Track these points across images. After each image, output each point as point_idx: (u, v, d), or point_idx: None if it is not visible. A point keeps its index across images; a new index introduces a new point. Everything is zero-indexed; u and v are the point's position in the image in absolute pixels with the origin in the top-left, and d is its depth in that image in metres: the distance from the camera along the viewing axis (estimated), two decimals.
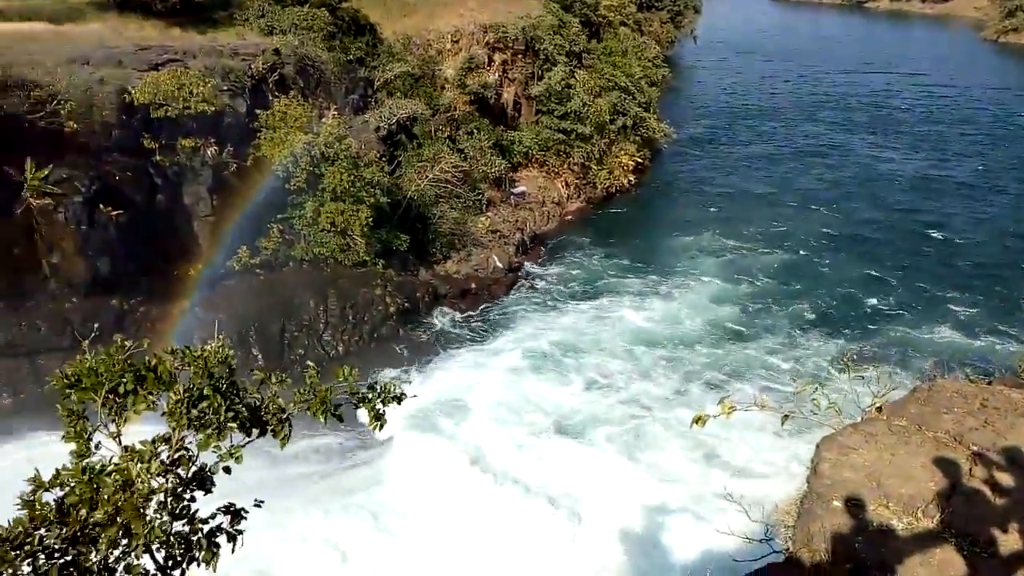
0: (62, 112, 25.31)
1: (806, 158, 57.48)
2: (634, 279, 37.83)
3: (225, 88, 29.99)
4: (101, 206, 25.81)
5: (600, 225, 44.57)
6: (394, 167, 35.91)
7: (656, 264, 39.30)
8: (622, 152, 48.20)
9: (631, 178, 48.60)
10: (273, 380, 4.83)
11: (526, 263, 39.06)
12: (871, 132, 65.04)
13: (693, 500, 22.52)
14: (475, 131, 41.63)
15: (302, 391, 4.77)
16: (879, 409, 8.20)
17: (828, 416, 8.20)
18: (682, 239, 42.36)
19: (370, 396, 5.01)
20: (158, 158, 28.06)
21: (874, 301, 35.97)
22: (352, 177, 30.15)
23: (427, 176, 35.93)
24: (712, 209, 46.97)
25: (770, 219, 45.47)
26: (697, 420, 7.46)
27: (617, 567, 20.71)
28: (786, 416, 8.21)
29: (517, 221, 41.17)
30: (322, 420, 4.71)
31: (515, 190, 44.05)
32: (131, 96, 27.17)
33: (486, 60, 45.06)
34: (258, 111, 30.66)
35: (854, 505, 6.35)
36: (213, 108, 28.61)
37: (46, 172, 24.55)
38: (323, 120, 31.29)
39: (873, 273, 38.78)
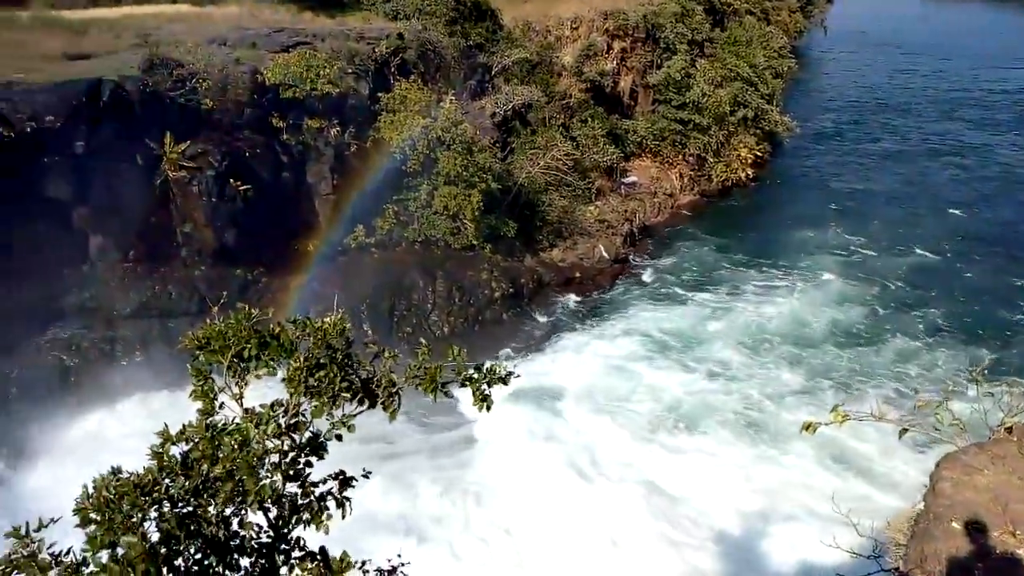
0: (200, 90, 26.86)
1: (942, 157, 53.96)
2: (751, 274, 36.82)
3: (350, 71, 31.00)
4: (231, 181, 27.27)
5: (714, 218, 43.47)
6: (506, 153, 36.19)
7: (775, 260, 38.07)
8: (741, 145, 46.72)
9: (749, 172, 47.04)
10: (386, 355, 4.98)
11: (634, 254, 38.62)
12: (1017, 133, 60.31)
13: (801, 506, 21.75)
14: (589, 119, 41.36)
15: (413, 367, 4.90)
16: (1009, 430, 7.66)
17: (951, 433, 7.72)
18: (803, 236, 40.75)
19: (476, 377, 5.08)
20: (285, 137, 29.37)
21: (1014, 312, 33.51)
22: (465, 162, 30.64)
23: (538, 163, 36.01)
24: (835, 207, 44.92)
25: (900, 220, 43.07)
26: (807, 427, 7.18)
27: (711, 572, 20.28)
28: (904, 430, 7.78)
29: (627, 211, 40.69)
30: (432, 398, 4.83)
31: (626, 180, 43.53)
32: (263, 76, 28.52)
33: (605, 47, 44.60)
34: (380, 94, 31.56)
35: (975, 529, 5.96)
36: (338, 90, 29.65)
37: (184, 147, 26.15)
38: (441, 104, 31.84)
39: (1015, 282, 36.12)
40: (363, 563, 5.07)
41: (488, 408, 4.96)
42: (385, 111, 31.31)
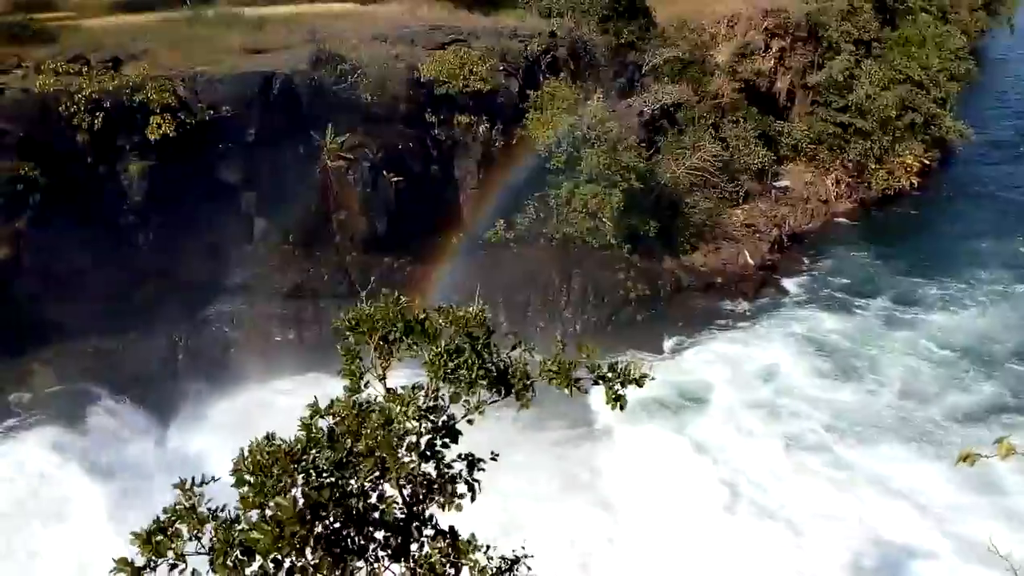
0: (360, 85, 28.20)
1: None
2: (921, 285, 34.35)
3: (501, 68, 31.54)
4: (384, 172, 28.48)
5: (874, 228, 40.95)
6: (652, 152, 35.64)
7: (948, 273, 35.26)
8: (907, 151, 43.64)
9: (914, 180, 43.86)
10: (522, 347, 5.06)
11: (781, 262, 37.01)
12: None
13: (954, 543, 20.08)
14: (741, 120, 40.00)
15: (547, 361, 4.95)
16: None
17: None
18: (982, 248, 37.56)
19: (610, 376, 5.06)
20: (436, 132, 30.35)
21: None
22: (609, 160, 30.49)
23: (684, 164, 35.22)
24: (1013, 219, 41.02)
25: None
26: (964, 458, 6.63)
27: None
28: None
29: (776, 217, 39.05)
30: (567, 392, 4.86)
31: (777, 184, 41.77)
32: (419, 73, 29.56)
33: (762, 46, 42.96)
34: (529, 91, 31.96)
35: None
36: (489, 87, 30.23)
37: (343, 139, 27.58)
38: (588, 103, 31.82)
39: None
40: (487, 547, 5.19)
41: (622, 408, 4.93)
42: (533, 108, 31.68)
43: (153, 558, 4.37)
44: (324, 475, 4.56)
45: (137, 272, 25.08)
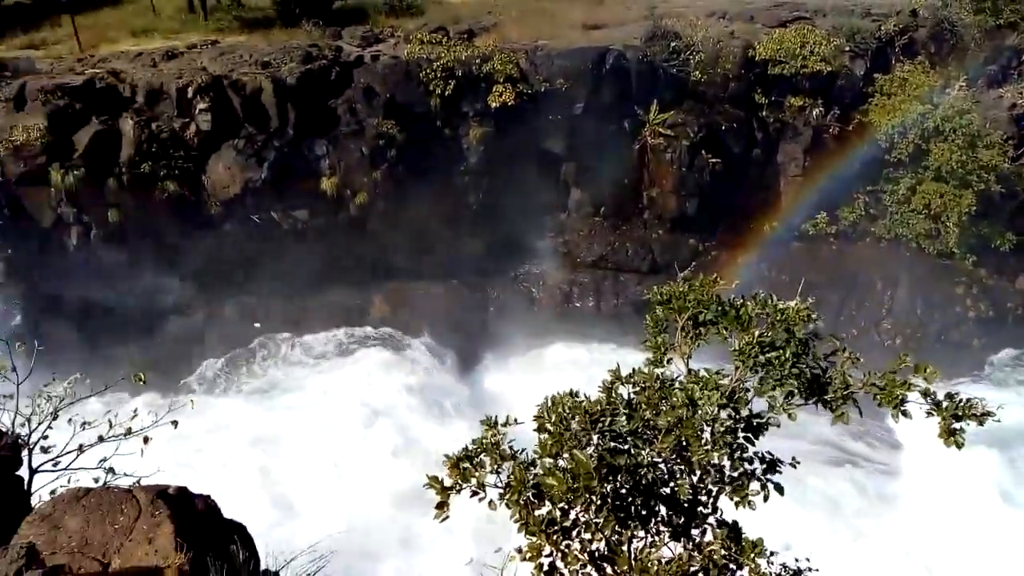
0: (692, 62, 27.79)
1: None
2: None
3: (847, 49, 29.09)
4: (703, 152, 27.93)
5: None
6: (1021, 152, 30.55)
7: None
8: None
9: None
10: (845, 354, 4.68)
11: None
12: None
13: None
14: None
15: (873, 374, 4.52)
16: None
17: None
18: None
19: (946, 406, 4.47)
20: (763, 113, 28.97)
21: None
22: (964, 157, 26.81)
23: None
24: None
25: None
26: None
27: None
28: None
29: None
30: (893, 415, 4.41)
31: None
32: (754, 51, 28.33)
33: None
34: (876, 75, 29.11)
35: None
36: (829, 68, 28.09)
37: (666, 116, 27.48)
38: (947, 91, 28.13)
39: None
40: (771, 553, 4.96)
41: (958, 446, 4.33)
42: (879, 93, 28.82)
43: (459, 482, 4.83)
44: (619, 440, 4.67)
45: (465, 227, 27.56)
